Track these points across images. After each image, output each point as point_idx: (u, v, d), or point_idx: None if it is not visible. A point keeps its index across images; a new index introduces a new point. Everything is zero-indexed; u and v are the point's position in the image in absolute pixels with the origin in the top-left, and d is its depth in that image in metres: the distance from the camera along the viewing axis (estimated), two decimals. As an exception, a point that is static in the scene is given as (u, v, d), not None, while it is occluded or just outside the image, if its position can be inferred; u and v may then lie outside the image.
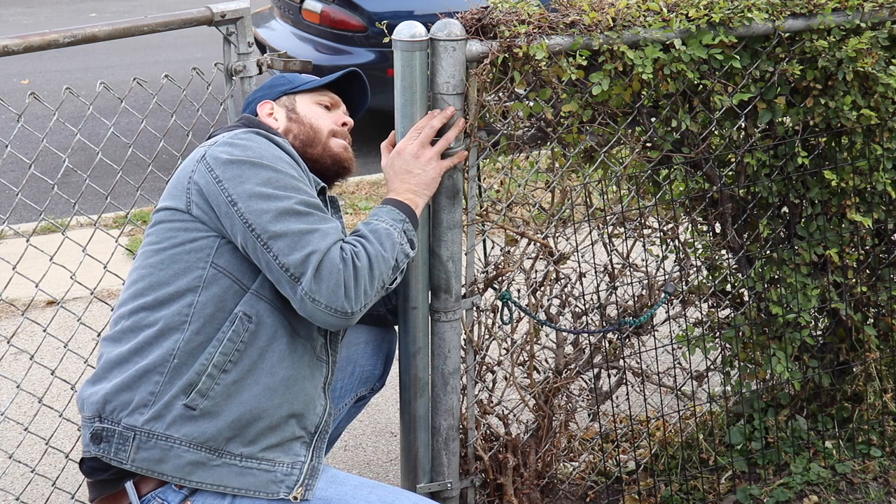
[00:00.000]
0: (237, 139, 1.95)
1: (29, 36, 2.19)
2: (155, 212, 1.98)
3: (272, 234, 1.85)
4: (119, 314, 1.97)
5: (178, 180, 1.97)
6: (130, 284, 1.97)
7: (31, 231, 2.93)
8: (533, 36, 2.16)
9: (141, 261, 1.96)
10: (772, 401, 2.98)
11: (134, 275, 1.96)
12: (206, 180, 1.90)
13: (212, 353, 1.87)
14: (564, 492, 2.79)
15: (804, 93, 2.53)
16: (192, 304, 1.88)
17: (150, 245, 1.95)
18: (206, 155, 1.93)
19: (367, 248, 1.91)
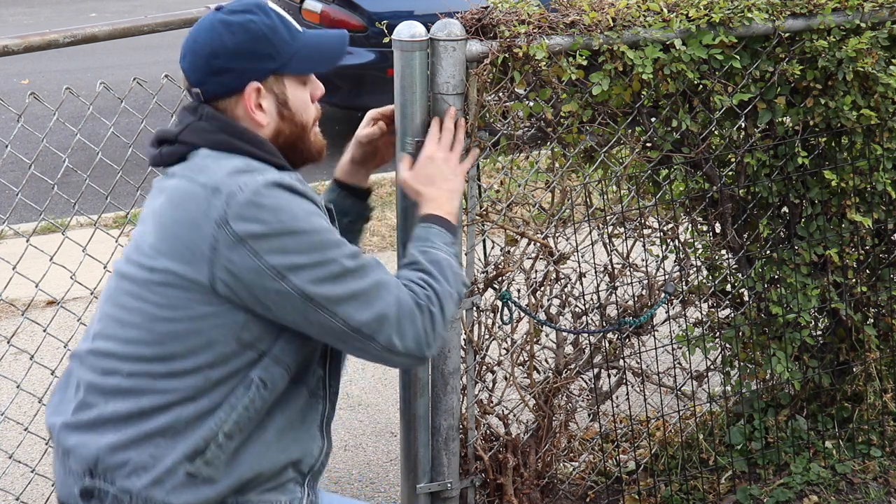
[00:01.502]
0: (262, 200, 1.67)
1: (29, 36, 2.19)
2: (149, 268, 1.71)
3: (336, 299, 1.70)
4: (111, 366, 1.74)
5: (188, 241, 1.68)
6: (128, 342, 1.73)
7: (31, 231, 2.93)
8: (533, 36, 2.16)
9: (141, 319, 1.71)
10: (772, 401, 2.98)
11: (132, 332, 1.72)
12: (242, 258, 1.66)
13: (223, 419, 1.72)
14: (564, 492, 2.79)
15: (804, 93, 2.53)
16: (209, 377, 1.72)
17: (157, 308, 1.70)
18: (229, 222, 1.66)
19: (436, 290, 1.80)
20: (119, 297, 1.76)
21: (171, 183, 1.76)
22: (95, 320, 1.83)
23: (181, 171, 1.75)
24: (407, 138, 2.12)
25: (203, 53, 1.77)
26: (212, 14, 1.80)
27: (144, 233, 1.77)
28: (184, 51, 1.80)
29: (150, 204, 1.80)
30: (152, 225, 1.75)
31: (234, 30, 1.75)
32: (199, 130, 1.77)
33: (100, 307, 1.82)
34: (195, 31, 1.80)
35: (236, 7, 1.79)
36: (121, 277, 1.78)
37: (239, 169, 1.71)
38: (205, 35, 1.77)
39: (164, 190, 1.77)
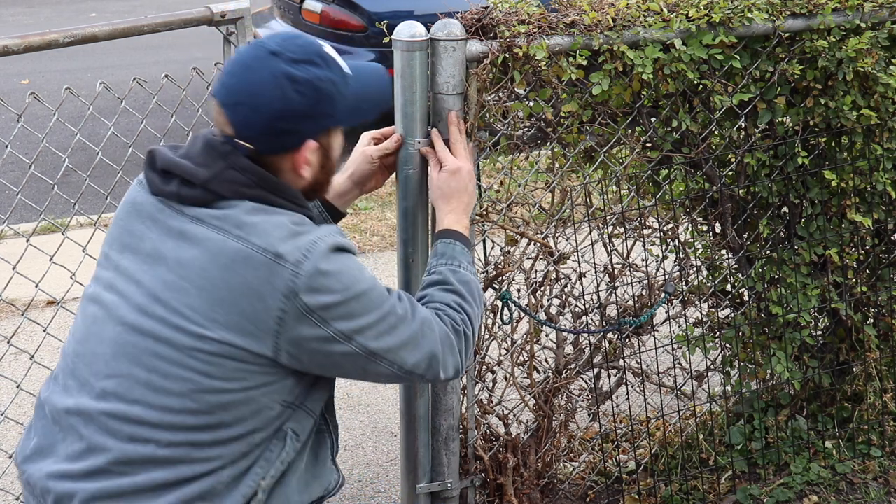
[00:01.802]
0: (328, 267, 1.62)
1: (29, 36, 2.19)
2: (197, 336, 1.60)
3: (395, 348, 1.70)
4: (143, 434, 1.62)
5: (250, 313, 1.60)
6: (167, 410, 1.62)
7: (31, 231, 2.93)
8: (533, 36, 2.16)
9: (185, 388, 1.61)
10: (772, 401, 2.98)
11: (173, 401, 1.61)
12: (311, 328, 1.62)
13: (261, 475, 1.70)
14: (564, 492, 2.79)
15: (804, 93, 2.53)
16: (252, 441, 1.68)
17: (207, 379, 1.61)
18: (299, 294, 1.60)
19: (468, 313, 1.84)
20: (147, 360, 1.62)
21: (204, 233, 1.62)
22: (100, 374, 1.65)
23: (218, 223, 1.63)
24: (408, 139, 2.12)
25: (266, 113, 1.64)
26: (272, 62, 1.64)
27: (170, 284, 1.62)
28: (233, 97, 1.65)
29: (162, 244, 1.65)
30: (189, 282, 1.61)
31: (302, 90, 1.64)
32: (233, 182, 1.64)
33: (100, 356, 1.65)
34: (253, 81, 1.64)
35: (299, 56, 1.66)
36: (140, 334, 1.63)
37: (292, 231, 1.63)
38: (269, 92, 1.63)
39: (194, 239, 1.63)
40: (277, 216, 1.65)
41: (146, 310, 1.63)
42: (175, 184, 1.66)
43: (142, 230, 1.68)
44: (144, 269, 1.66)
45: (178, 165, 1.66)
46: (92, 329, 1.69)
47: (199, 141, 1.70)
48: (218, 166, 1.64)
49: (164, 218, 1.67)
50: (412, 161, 2.14)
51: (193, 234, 1.63)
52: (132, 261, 1.68)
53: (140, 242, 1.68)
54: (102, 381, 1.64)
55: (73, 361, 1.70)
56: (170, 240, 1.65)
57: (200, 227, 1.63)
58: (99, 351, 1.66)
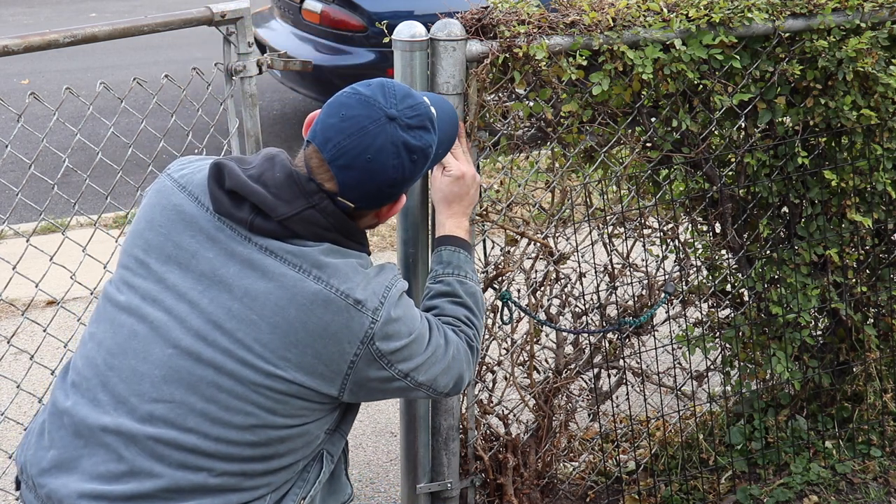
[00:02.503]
0: (399, 313, 1.66)
1: (29, 36, 2.19)
2: (266, 373, 1.58)
3: (436, 376, 1.77)
4: (195, 462, 1.59)
5: (324, 355, 1.60)
6: (224, 441, 1.59)
7: (31, 231, 2.92)
8: (533, 36, 2.16)
9: (247, 422, 1.59)
10: (772, 401, 2.98)
11: (231, 433, 1.59)
12: (377, 370, 1.66)
13: (299, 495, 1.74)
14: (564, 492, 2.79)
15: (804, 93, 2.53)
16: (297, 467, 1.73)
17: (271, 415, 1.60)
18: (375, 341, 1.62)
19: (477, 326, 1.90)
20: (206, 389, 1.58)
21: (279, 268, 1.59)
22: (145, 395, 1.59)
23: (294, 259, 1.59)
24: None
25: (380, 182, 1.62)
26: (390, 129, 1.60)
27: (236, 315, 1.57)
28: (346, 160, 1.60)
29: (224, 267, 1.59)
30: (260, 316, 1.57)
31: (416, 158, 1.64)
32: (312, 224, 1.62)
33: (146, 376, 1.60)
34: (370, 148, 1.59)
35: (415, 122, 1.64)
36: (198, 362, 1.59)
37: (366, 275, 1.65)
38: (388, 162, 1.61)
39: (266, 271, 1.58)
40: (350, 259, 1.65)
41: (206, 337, 1.58)
42: (247, 210, 1.60)
43: (194, 246, 1.62)
44: (200, 291, 1.60)
45: (254, 193, 1.60)
46: (131, 344, 1.62)
47: (277, 168, 1.63)
48: (299, 204, 1.60)
49: (225, 239, 1.61)
50: (412, 161, 2.13)
51: (265, 267, 1.59)
52: (181, 277, 1.62)
53: (192, 259, 1.61)
54: (149, 403, 1.59)
55: (106, 374, 1.62)
56: (233, 265, 1.60)
57: (273, 260, 1.59)
58: (143, 370, 1.60)
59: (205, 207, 1.63)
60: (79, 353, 1.71)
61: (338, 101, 1.65)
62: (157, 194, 1.70)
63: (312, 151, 1.64)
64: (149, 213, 1.69)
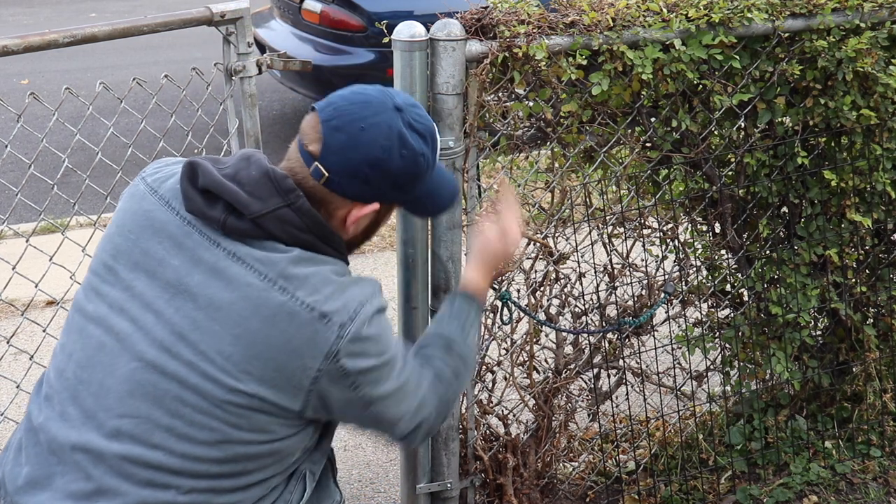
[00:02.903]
0: (370, 332, 1.58)
1: (29, 36, 2.19)
2: (230, 388, 1.53)
3: (397, 416, 1.70)
4: (162, 480, 1.56)
5: (286, 370, 1.54)
6: (190, 458, 1.56)
7: (30, 231, 2.92)
8: (533, 36, 2.16)
9: (212, 438, 1.55)
10: (771, 401, 2.98)
11: (197, 449, 1.55)
12: (341, 390, 1.59)
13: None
14: (564, 492, 2.79)
15: (804, 93, 2.53)
16: (271, 484, 1.68)
17: (235, 430, 1.56)
18: (339, 358, 1.56)
19: (456, 388, 1.82)
20: (170, 404, 1.54)
21: (244, 277, 1.54)
22: (111, 410, 1.55)
23: (261, 267, 1.54)
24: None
25: (363, 154, 1.58)
26: (393, 115, 1.59)
27: (199, 325, 1.53)
28: (340, 121, 1.58)
29: (188, 275, 1.55)
30: (223, 327, 1.53)
31: (405, 155, 1.60)
32: (287, 224, 1.56)
33: (112, 390, 1.56)
34: (367, 118, 1.58)
35: (418, 125, 1.62)
36: (162, 375, 1.54)
37: (339, 286, 1.57)
38: (378, 139, 1.58)
39: (231, 280, 1.53)
40: (323, 266, 1.59)
41: (169, 349, 1.54)
42: (220, 209, 1.55)
43: (160, 253, 1.58)
44: (165, 300, 1.56)
45: (228, 191, 1.55)
46: (99, 357, 1.58)
47: (253, 167, 1.59)
48: (274, 202, 1.56)
49: (192, 245, 1.56)
50: (412, 161, 2.13)
51: (231, 275, 1.54)
52: (148, 285, 1.57)
53: (158, 266, 1.57)
54: (115, 419, 1.56)
55: (76, 388, 1.59)
56: (198, 273, 1.55)
57: (239, 267, 1.54)
58: (109, 384, 1.56)
59: (175, 212, 1.59)
60: (52, 365, 1.67)
61: (357, 85, 1.65)
62: (130, 198, 1.66)
63: (312, 116, 1.62)
64: (120, 218, 1.65)
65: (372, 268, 4.56)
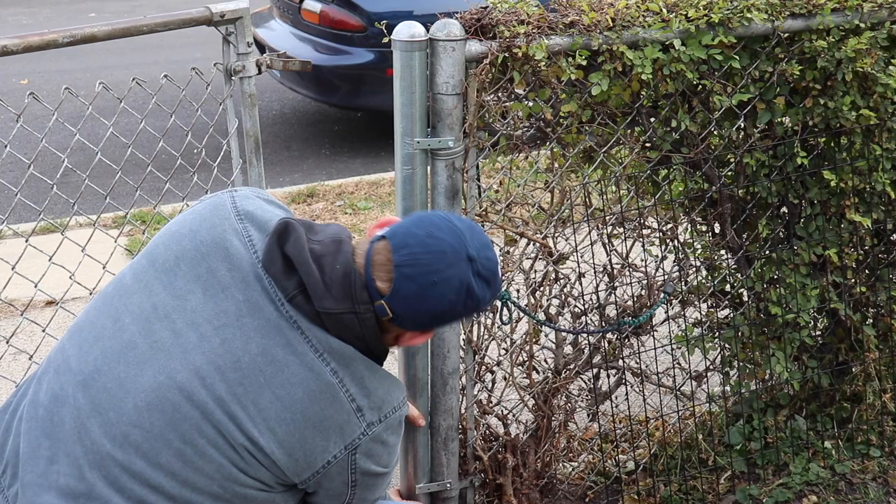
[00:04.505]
0: (389, 438, 1.67)
1: (28, 36, 2.19)
2: (250, 437, 1.56)
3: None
4: (155, 501, 1.55)
5: (308, 444, 1.58)
6: (190, 486, 1.55)
7: (30, 231, 2.92)
8: (532, 36, 2.16)
9: (218, 474, 1.56)
10: (771, 401, 2.98)
11: (200, 479, 1.55)
12: (341, 483, 1.65)
13: None
14: (564, 492, 2.79)
15: (803, 93, 2.53)
16: None
17: (241, 474, 1.57)
18: (357, 451, 1.62)
19: None
20: (187, 430, 1.53)
21: (303, 346, 1.56)
22: (125, 415, 1.53)
23: (318, 344, 1.57)
24: (407, 139, 2.12)
25: (430, 308, 1.60)
26: (465, 267, 1.58)
27: (243, 368, 1.53)
28: (414, 271, 1.57)
29: (250, 316, 1.55)
30: (268, 382, 1.54)
31: (471, 305, 1.62)
32: (346, 328, 1.58)
33: (130, 394, 1.54)
34: (440, 272, 1.57)
35: (486, 272, 1.61)
36: (187, 400, 1.53)
37: (378, 383, 1.63)
38: (447, 291, 1.58)
39: (289, 343, 1.55)
40: (366, 367, 1.63)
41: (204, 378, 1.53)
42: (294, 283, 1.56)
43: (227, 280, 1.57)
44: (216, 327, 1.55)
45: (309, 274, 1.56)
46: (127, 355, 1.56)
47: (340, 259, 1.59)
48: (345, 306, 1.57)
49: (260, 290, 1.57)
50: (412, 161, 2.14)
51: (289, 337, 1.56)
52: (202, 304, 1.57)
53: (220, 292, 1.57)
54: (126, 426, 1.53)
55: (92, 375, 1.56)
56: (259, 319, 1.55)
57: (298, 335, 1.56)
58: (129, 388, 1.54)
59: (254, 254, 1.59)
60: (74, 339, 1.62)
61: (429, 220, 1.64)
62: (213, 210, 1.65)
63: (384, 247, 1.60)
64: (196, 224, 1.63)
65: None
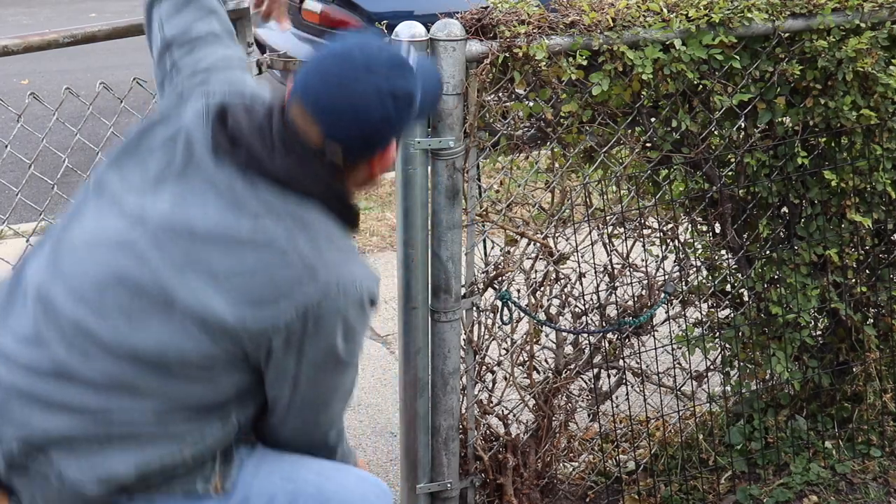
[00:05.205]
0: (353, 313, 1.59)
1: (28, 36, 2.19)
2: (199, 299, 1.53)
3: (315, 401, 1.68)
4: (94, 354, 1.56)
5: (257, 314, 1.54)
6: (133, 347, 1.55)
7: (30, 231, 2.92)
8: (533, 36, 2.16)
9: (164, 338, 1.56)
10: (771, 401, 2.98)
11: (141, 341, 1.56)
12: (292, 349, 1.58)
13: (184, 447, 1.64)
14: (564, 492, 2.79)
15: (804, 93, 2.53)
16: (188, 417, 1.63)
17: (183, 338, 1.56)
18: (308, 322, 1.55)
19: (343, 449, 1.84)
20: (134, 289, 1.55)
21: (254, 206, 1.55)
22: (81, 283, 1.57)
23: (274, 200, 1.56)
24: (409, 139, 2.12)
25: (366, 126, 1.57)
26: (370, 79, 1.56)
27: (196, 229, 1.54)
28: (332, 113, 1.57)
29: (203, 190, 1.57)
30: (214, 241, 1.54)
31: (401, 105, 1.58)
32: (318, 182, 1.58)
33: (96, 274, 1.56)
34: (354, 96, 1.56)
35: (394, 72, 1.58)
36: (138, 259, 1.55)
37: (340, 253, 1.59)
38: (372, 109, 1.56)
39: (238, 199, 1.55)
40: (330, 228, 1.60)
41: (159, 241, 1.55)
42: (243, 154, 1.58)
43: (172, 150, 1.65)
44: (169, 194, 1.59)
45: (251, 144, 1.58)
46: (85, 219, 1.64)
47: (265, 116, 1.61)
48: (312, 167, 1.58)
49: (204, 156, 1.60)
50: (412, 161, 2.14)
51: (240, 197, 1.56)
52: (153, 169, 1.65)
53: (161, 158, 1.65)
54: (81, 285, 1.58)
55: (60, 240, 1.64)
56: (205, 182, 1.58)
57: (250, 192, 1.56)
58: (87, 254, 1.60)
59: (202, 122, 1.66)
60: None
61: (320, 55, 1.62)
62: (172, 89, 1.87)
63: (299, 109, 1.59)
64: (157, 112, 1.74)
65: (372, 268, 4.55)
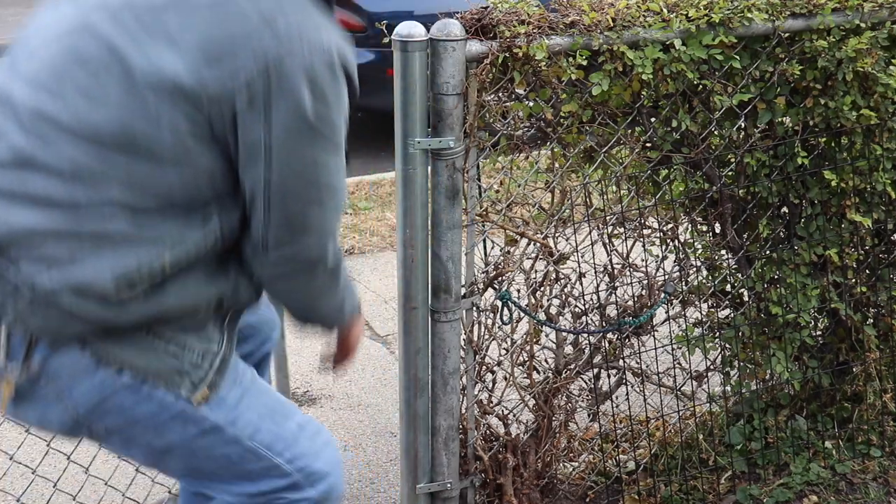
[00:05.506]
0: (322, 72, 1.47)
1: (29, 36, 2.18)
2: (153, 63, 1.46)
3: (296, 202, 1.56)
4: (55, 138, 1.48)
5: (218, 73, 1.43)
6: (95, 126, 1.47)
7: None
8: (533, 36, 2.16)
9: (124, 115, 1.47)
10: (771, 401, 2.98)
11: (102, 118, 1.48)
12: (257, 109, 1.45)
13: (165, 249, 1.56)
14: (564, 492, 2.79)
15: (804, 93, 2.54)
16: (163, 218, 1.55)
17: (143, 119, 1.47)
18: (271, 77, 1.43)
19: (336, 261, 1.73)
20: (95, 69, 1.47)
21: None
22: (37, 65, 1.53)
23: None
24: (409, 139, 2.12)
25: None
26: None
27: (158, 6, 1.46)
28: None
29: None
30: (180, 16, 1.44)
31: None
32: None
33: (49, 54, 1.52)
34: None
35: None
36: (93, 37, 1.50)
37: (306, 13, 1.49)
38: None
39: None
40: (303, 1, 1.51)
41: (115, 15, 1.49)
42: None
43: None
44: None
45: None
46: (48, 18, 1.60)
47: None
48: None
49: None
50: (412, 161, 2.14)
51: None
52: None
53: None
54: (36, 67, 1.54)
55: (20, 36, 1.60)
56: None
57: None
58: (42, 35, 1.57)
59: None
60: None
61: None
62: None
63: None
64: None
65: (372, 268, 4.56)
